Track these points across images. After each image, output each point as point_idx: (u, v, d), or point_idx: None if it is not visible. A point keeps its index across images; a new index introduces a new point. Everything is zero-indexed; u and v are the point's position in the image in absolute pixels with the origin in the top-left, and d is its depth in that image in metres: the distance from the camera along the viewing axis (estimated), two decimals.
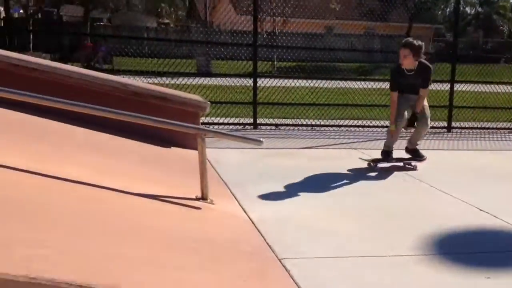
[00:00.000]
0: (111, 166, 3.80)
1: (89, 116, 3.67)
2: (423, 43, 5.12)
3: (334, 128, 7.90)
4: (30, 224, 2.33)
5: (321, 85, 9.18)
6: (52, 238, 2.26)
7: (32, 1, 22.40)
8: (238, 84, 8.36)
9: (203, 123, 6.11)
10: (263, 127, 7.85)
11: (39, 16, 24.24)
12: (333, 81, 10.03)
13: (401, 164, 5.38)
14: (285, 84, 9.04)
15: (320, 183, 4.80)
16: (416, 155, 5.40)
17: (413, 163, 5.38)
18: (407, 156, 5.45)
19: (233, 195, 4.17)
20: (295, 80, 9.51)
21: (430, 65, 5.21)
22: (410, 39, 5.18)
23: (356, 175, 5.17)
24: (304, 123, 8.05)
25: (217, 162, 5.05)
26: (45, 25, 21.50)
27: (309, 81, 9.38)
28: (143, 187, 3.46)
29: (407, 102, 5.19)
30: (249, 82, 7.91)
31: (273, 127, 7.92)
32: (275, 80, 8.64)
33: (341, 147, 6.60)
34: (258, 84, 7.64)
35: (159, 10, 29.82)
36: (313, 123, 7.98)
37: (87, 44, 17.85)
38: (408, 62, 5.04)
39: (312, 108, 8.63)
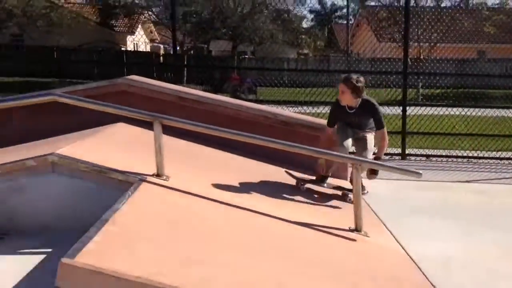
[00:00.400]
0: (268, 194, 3.93)
1: (236, 142, 3.87)
2: (363, 80, 4.44)
3: (494, 160, 7.20)
4: (206, 246, 2.49)
5: (473, 113, 8.51)
6: (224, 260, 2.38)
7: (186, 38, 24.76)
8: (385, 113, 8.10)
9: None
10: (412, 158, 7.49)
11: (192, 52, 26.62)
12: (487, 109, 9.21)
13: (339, 193, 4.61)
14: (435, 112, 8.55)
15: (482, 219, 4.36)
16: None
17: (350, 195, 4.54)
18: (350, 186, 4.61)
19: (386, 227, 4.00)
20: (446, 108, 8.95)
21: (375, 102, 4.42)
22: (351, 75, 4.42)
23: None
24: (459, 154, 7.49)
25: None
26: (199, 60, 23.56)
27: (460, 109, 8.76)
28: (298, 216, 3.51)
29: (351, 132, 4.56)
30: (397, 110, 7.63)
31: (423, 158, 7.51)
32: (423, 108, 8.22)
33: (505, 182, 5.98)
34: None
35: (299, 41, 30.70)
36: (469, 154, 7.37)
37: (234, 76, 19.06)
38: (345, 99, 4.42)
39: (465, 138, 8.01)
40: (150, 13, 25.59)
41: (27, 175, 3.31)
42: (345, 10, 34.47)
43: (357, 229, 3.51)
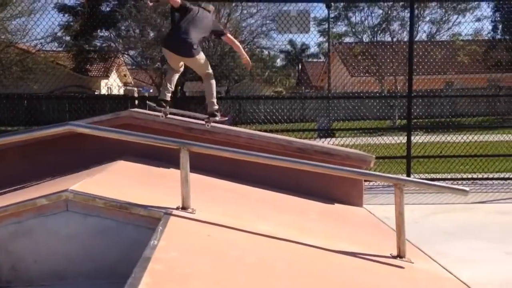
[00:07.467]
0: (295, 223, 3.66)
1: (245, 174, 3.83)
2: None
3: (498, 181, 7.19)
4: (259, 279, 2.20)
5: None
6: None
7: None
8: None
9: None
10: None
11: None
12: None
13: None
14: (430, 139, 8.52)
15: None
16: None
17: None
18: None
19: (423, 252, 3.75)
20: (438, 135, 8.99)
21: None
22: None
23: None
24: (464, 176, 7.39)
25: (387, 218, 4.69)
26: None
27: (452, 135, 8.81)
28: (332, 244, 3.23)
29: None
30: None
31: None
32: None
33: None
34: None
35: (274, 79, 31.02)
36: (474, 176, 7.31)
37: None
38: None
39: (465, 160, 7.94)
40: (126, 56, 25.32)
41: (37, 215, 2.94)
42: (312, 50, 35.25)
43: (400, 255, 3.24)
